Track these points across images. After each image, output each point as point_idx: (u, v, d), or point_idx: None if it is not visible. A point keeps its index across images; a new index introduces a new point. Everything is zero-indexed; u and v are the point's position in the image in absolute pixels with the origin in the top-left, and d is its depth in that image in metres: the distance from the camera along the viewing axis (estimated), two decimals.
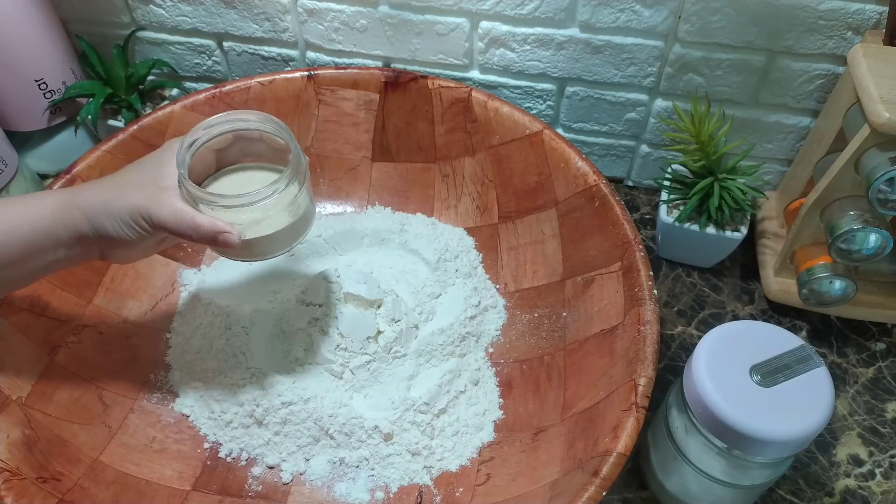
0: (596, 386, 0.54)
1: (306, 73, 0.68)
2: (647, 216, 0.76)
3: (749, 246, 0.71)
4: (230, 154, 0.51)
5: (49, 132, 0.76)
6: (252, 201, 0.46)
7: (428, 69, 0.72)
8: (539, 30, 0.66)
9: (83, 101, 0.74)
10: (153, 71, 0.76)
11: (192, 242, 0.47)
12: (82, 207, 0.46)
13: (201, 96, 0.66)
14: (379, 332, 0.59)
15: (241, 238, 0.47)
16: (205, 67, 0.78)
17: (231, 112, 0.49)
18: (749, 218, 0.66)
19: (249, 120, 0.49)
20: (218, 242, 0.46)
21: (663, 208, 0.68)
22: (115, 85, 0.73)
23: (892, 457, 0.59)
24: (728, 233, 0.65)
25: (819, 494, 0.57)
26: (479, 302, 0.64)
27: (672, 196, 0.67)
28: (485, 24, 0.67)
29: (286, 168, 0.47)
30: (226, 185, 0.50)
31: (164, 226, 0.45)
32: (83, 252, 0.48)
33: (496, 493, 0.53)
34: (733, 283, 0.70)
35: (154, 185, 0.46)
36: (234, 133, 0.50)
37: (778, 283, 0.66)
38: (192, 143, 0.48)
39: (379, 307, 0.60)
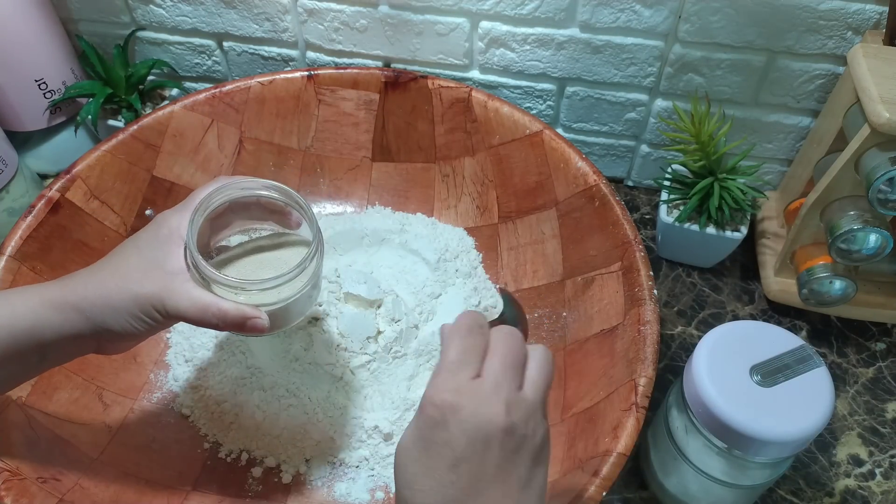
0: (596, 386, 0.54)
1: (306, 73, 0.68)
2: (647, 216, 0.76)
3: (749, 246, 0.71)
4: (223, 219, 0.47)
5: (49, 132, 0.76)
6: (283, 282, 0.43)
7: (428, 69, 0.72)
8: (539, 30, 0.66)
9: (83, 101, 0.74)
10: (153, 71, 0.76)
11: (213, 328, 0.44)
12: (77, 306, 0.41)
13: (201, 96, 0.66)
14: (379, 332, 0.59)
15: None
16: (205, 67, 0.78)
17: (229, 179, 0.45)
18: (749, 218, 0.66)
19: (253, 189, 0.46)
20: (246, 328, 0.43)
21: (663, 208, 0.68)
22: (115, 85, 0.73)
23: (892, 457, 0.59)
24: (728, 233, 0.65)
25: (819, 494, 0.57)
26: (479, 302, 0.64)
27: (672, 196, 0.67)
28: (485, 24, 0.67)
29: (311, 244, 0.45)
30: (238, 265, 0.47)
31: (184, 316, 0.42)
32: (78, 350, 0.44)
33: None
34: (733, 283, 0.70)
35: (160, 270, 0.42)
36: (232, 201, 0.46)
37: (778, 283, 0.66)
38: (197, 220, 0.43)
39: (379, 307, 0.60)
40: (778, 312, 0.68)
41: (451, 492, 0.34)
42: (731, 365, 0.46)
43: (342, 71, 0.68)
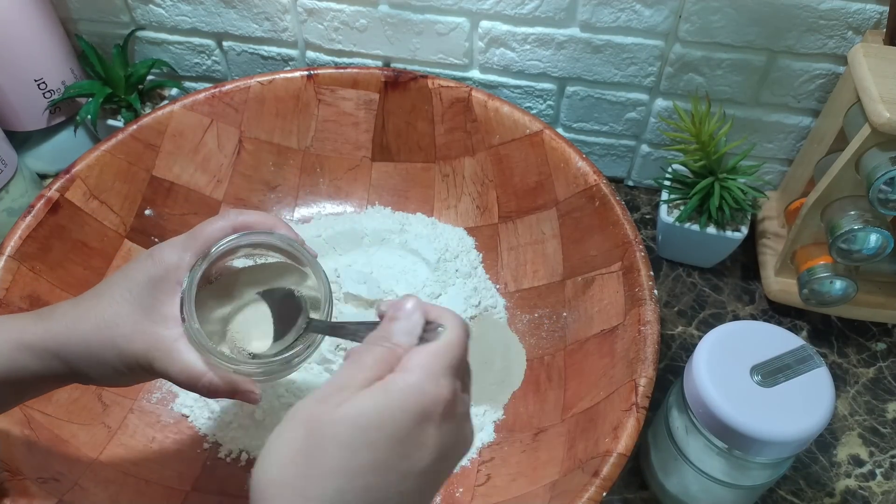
0: (596, 386, 0.54)
1: (306, 72, 0.68)
2: (648, 216, 0.76)
3: (749, 246, 0.71)
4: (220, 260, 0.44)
5: (48, 132, 0.76)
6: (287, 361, 0.41)
7: (428, 69, 0.72)
8: (539, 29, 0.66)
9: (83, 100, 0.74)
10: (153, 71, 0.76)
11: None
12: (57, 353, 0.39)
13: (201, 96, 0.66)
14: None
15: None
16: (204, 67, 0.78)
17: (238, 215, 0.42)
18: (749, 218, 0.66)
19: (264, 242, 0.43)
20: (237, 397, 0.41)
21: (664, 208, 0.67)
22: (114, 85, 0.72)
23: (893, 457, 0.59)
24: (728, 233, 0.65)
25: (819, 495, 0.57)
26: (479, 302, 0.64)
27: (672, 196, 0.67)
28: (485, 24, 0.67)
29: (321, 304, 0.42)
30: (245, 316, 0.44)
31: (172, 380, 0.40)
32: (56, 387, 0.43)
33: (496, 494, 0.53)
34: (734, 283, 0.70)
35: (151, 323, 0.39)
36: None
37: (778, 283, 0.66)
38: (195, 278, 0.39)
39: None
40: (778, 312, 0.68)
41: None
42: (731, 365, 0.46)
43: (342, 71, 0.68)
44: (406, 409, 0.30)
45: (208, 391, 0.39)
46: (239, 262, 0.47)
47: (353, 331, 0.39)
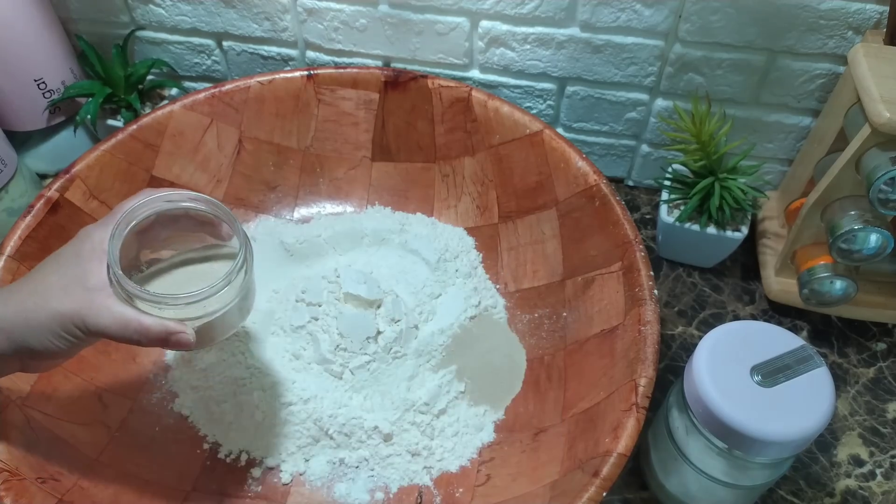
0: (596, 386, 0.54)
1: (306, 72, 0.68)
2: (648, 216, 0.76)
3: (750, 246, 0.71)
4: (152, 232, 0.45)
5: (48, 132, 0.76)
6: (207, 295, 0.42)
7: (428, 69, 0.72)
8: (539, 29, 0.66)
9: (82, 100, 0.74)
10: (152, 70, 0.76)
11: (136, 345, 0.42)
12: None
13: (201, 96, 0.66)
14: (379, 333, 0.59)
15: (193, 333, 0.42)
16: (204, 67, 0.78)
17: (154, 191, 0.44)
18: (750, 218, 0.66)
19: (178, 201, 0.44)
20: (170, 344, 0.41)
21: (664, 208, 0.67)
22: (114, 85, 0.72)
23: (893, 457, 0.59)
24: (729, 233, 0.65)
25: (820, 495, 0.57)
26: (479, 302, 0.64)
27: (672, 196, 0.67)
28: (485, 24, 0.67)
29: (237, 256, 0.43)
30: (168, 278, 0.46)
31: (105, 333, 0.41)
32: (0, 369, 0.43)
33: (496, 494, 0.53)
34: (734, 283, 0.70)
35: (81, 287, 0.40)
36: (158, 213, 0.44)
37: (779, 283, 0.66)
38: (120, 233, 0.42)
39: (379, 307, 0.60)
40: (779, 312, 0.68)
41: None
42: (731, 365, 0.46)
43: (342, 70, 0.68)
44: None
45: (140, 335, 0.41)
46: (167, 253, 0.48)
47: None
